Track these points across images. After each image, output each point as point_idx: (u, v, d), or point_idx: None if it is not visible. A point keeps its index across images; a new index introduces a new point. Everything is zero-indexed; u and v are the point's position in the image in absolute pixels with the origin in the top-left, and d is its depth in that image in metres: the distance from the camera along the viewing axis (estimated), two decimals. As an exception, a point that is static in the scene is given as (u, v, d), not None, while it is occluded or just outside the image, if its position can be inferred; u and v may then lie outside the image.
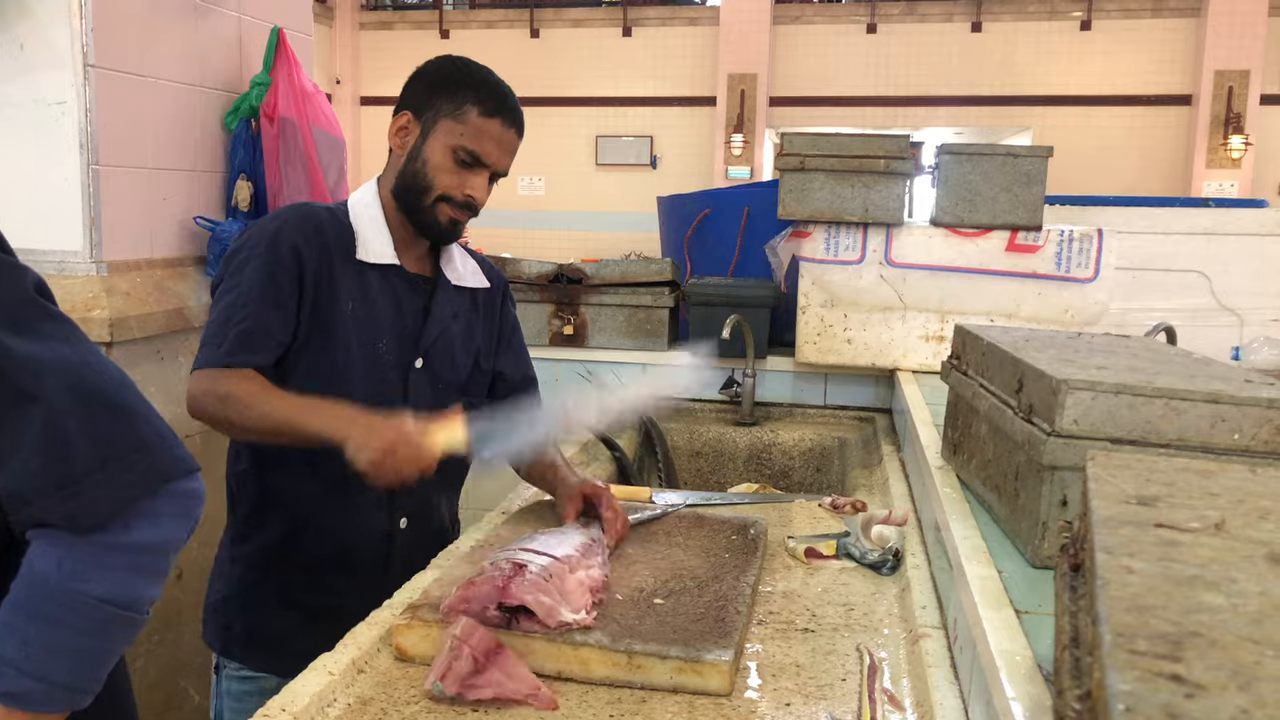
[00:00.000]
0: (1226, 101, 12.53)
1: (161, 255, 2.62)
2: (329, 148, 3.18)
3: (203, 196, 2.83)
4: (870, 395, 2.75)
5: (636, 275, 2.81)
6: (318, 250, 1.57)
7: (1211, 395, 1.03)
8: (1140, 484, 0.65)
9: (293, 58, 2.91)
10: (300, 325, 1.55)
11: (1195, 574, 0.49)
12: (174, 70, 2.57)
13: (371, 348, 1.60)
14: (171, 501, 1.02)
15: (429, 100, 1.60)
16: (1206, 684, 0.37)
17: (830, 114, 13.38)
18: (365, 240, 1.62)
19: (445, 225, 1.62)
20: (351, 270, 1.60)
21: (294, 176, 3.05)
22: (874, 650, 1.25)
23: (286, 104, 2.99)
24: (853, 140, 2.48)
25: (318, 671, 1.13)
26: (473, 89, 1.59)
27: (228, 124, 2.94)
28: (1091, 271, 2.37)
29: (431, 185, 1.59)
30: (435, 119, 1.58)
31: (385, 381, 1.61)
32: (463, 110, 1.57)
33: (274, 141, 3.00)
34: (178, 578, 2.68)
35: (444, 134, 1.58)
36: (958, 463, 1.52)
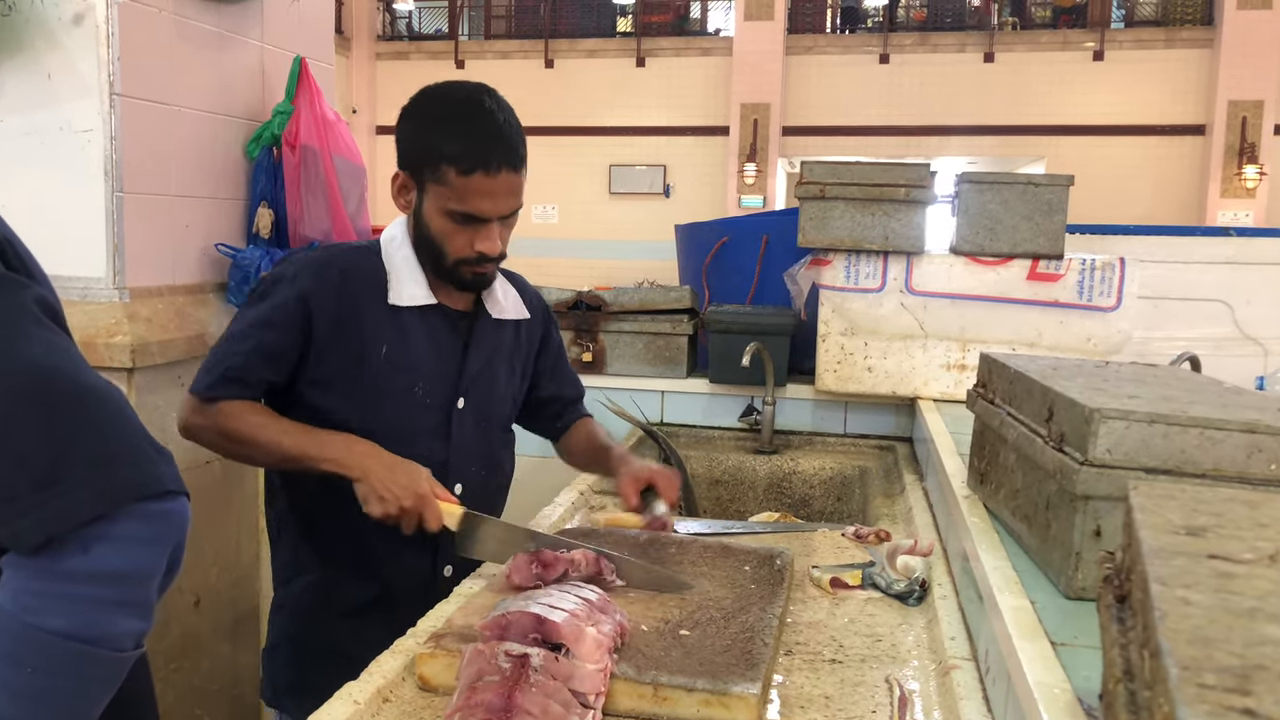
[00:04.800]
0: (1240, 131, 12.54)
1: (183, 282, 2.64)
2: (350, 175, 3.20)
3: (224, 224, 2.85)
4: (891, 424, 2.74)
5: (656, 303, 2.81)
6: (337, 298, 1.53)
7: (1248, 425, 1.02)
8: (1187, 514, 0.64)
9: (314, 86, 2.94)
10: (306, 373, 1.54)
11: (1255, 606, 0.48)
12: (198, 99, 2.60)
13: (407, 391, 1.58)
14: (140, 524, 0.91)
15: (414, 160, 1.54)
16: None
17: (843, 143, 13.44)
18: (399, 282, 1.58)
19: (471, 281, 1.59)
20: (385, 313, 1.57)
21: (315, 204, 3.08)
22: (904, 682, 1.24)
23: (308, 132, 3.02)
24: (873, 169, 2.48)
25: (343, 701, 1.12)
26: (444, 148, 1.49)
27: (250, 152, 2.96)
28: (1114, 300, 2.36)
29: (443, 250, 1.55)
30: (423, 182, 1.53)
31: (425, 424, 1.60)
32: (440, 173, 1.49)
33: (295, 169, 3.03)
34: (194, 605, 2.67)
35: (434, 198, 1.52)
36: (985, 492, 1.51)
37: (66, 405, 0.91)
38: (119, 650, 0.92)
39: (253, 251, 2.93)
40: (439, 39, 15.31)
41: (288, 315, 1.51)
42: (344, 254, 1.62)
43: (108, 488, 0.89)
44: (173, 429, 2.40)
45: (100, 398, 0.94)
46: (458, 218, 1.51)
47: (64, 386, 0.92)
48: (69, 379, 0.93)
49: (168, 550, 0.95)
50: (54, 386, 0.91)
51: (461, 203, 1.50)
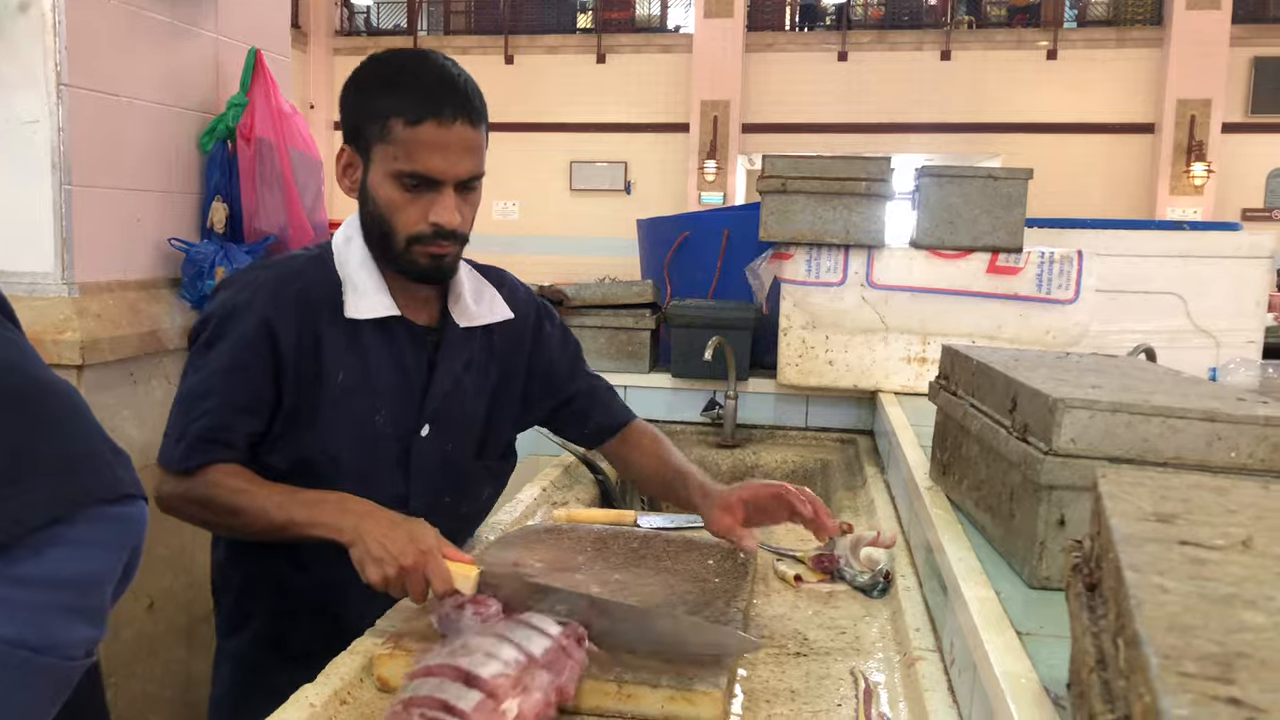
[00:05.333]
0: (1189, 129, 12.77)
1: (135, 277, 2.58)
2: (306, 169, 3.15)
3: (177, 218, 2.79)
4: (852, 417, 2.75)
5: (617, 297, 2.79)
6: (297, 321, 1.35)
7: (1208, 413, 1.03)
8: (1156, 501, 0.63)
9: (270, 79, 2.89)
10: (282, 407, 1.37)
11: (1231, 592, 0.47)
12: (149, 90, 2.55)
13: (366, 422, 1.40)
14: (99, 528, 0.88)
15: (357, 126, 1.36)
16: (1267, 707, 0.35)
17: (802, 140, 13.51)
18: (356, 292, 1.39)
19: (427, 266, 1.38)
20: (342, 332, 1.38)
21: (270, 198, 3.02)
22: (869, 674, 1.23)
23: (264, 125, 2.97)
24: (834, 163, 2.48)
25: (299, 704, 1.09)
26: (389, 97, 1.32)
27: (203, 145, 2.91)
28: (1072, 293, 2.38)
29: (392, 227, 1.35)
30: (369, 147, 1.35)
31: (385, 454, 1.42)
32: (387, 127, 1.32)
33: (250, 163, 2.97)
34: (149, 608, 2.62)
35: (380, 162, 1.34)
36: (947, 484, 1.51)
37: (25, 404, 0.87)
38: (69, 659, 0.88)
39: (207, 246, 2.88)
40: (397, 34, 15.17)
41: (254, 351, 1.33)
42: (295, 268, 1.42)
43: (66, 491, 0.85)
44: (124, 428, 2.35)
45: (59, 397, 0.90)
46: (407, 181, 1.32)
47: (21, 384, 0.88)
48: (27, 376, 0.89)
49: (124, 555, 0.91)
50: (11, 384, 0.87)
51: (410, 160, 1.31)
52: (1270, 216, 12.68)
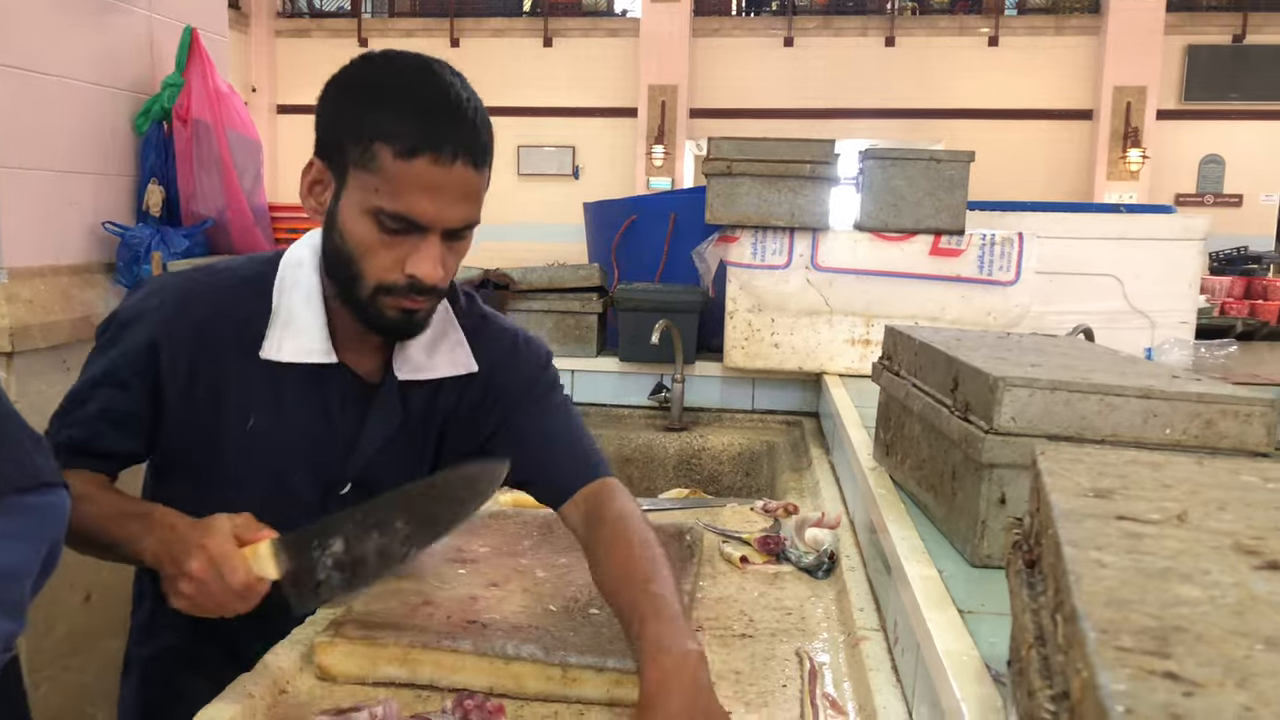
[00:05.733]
0: (1125, 116, 13.02)
1: (68, 262, 2.51)
2: (245, 151, 3.08)
3: (112, 201, 2.72)
4: (798, 399, 2.76)
5: (564, 281, 2.77)
6: (193, 351, 1.17)
7: (1144, 391, 1.04)
8: (1094, 477, 0.64)
9: (206, 58, 2.82)
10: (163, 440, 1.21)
11: (1167, 566, 0.47)
12: (81, 69, 2.47)
13: (276, 476, 1.23)
14: (17, 519, 0.84)
15: (334, 140, 1.11)
16: (1203, 681, 0.35)
17: (749, 126, 13.53)
18: (287, 329, 1.19)
19: (394, 320, 1.15)
20: (260, 371, 1.19)
21: (208, 180, 2.96)
22: (813, 655, 1.23)
23: (200, 106, 2.89)
24: (779, 145, 2.48)
25: (236, 694, 1.06)
26: (379, 113, 1.07)
27: (138, 126, 2.83)
28: (1013, 275, 2.41)
29: (360, 270, 1.12)
30: (344, 168, 1.10)
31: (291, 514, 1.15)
32: (370, 155, 1.07)
33: (187, 144, 2.90)
34: (85, 600, 2.55)
35: (357, 191, 1.09)
36: (890, 464, 1.52)
37: None
38: None
39: (142, 230, 2.81)
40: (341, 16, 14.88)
41: (134, 370, 1.17)
42: (216, 286, 1.21)
43: None
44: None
45: None
46: (386, 221, 1.08)
47: None
48: None
49: (44, 546, 0.88)
50: None
51: (395, 199, 1.07)
52: (1202, 201, 12.99)
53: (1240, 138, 12.96)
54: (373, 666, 1.14)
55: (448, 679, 1.13)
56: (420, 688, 1.13)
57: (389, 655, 1.14)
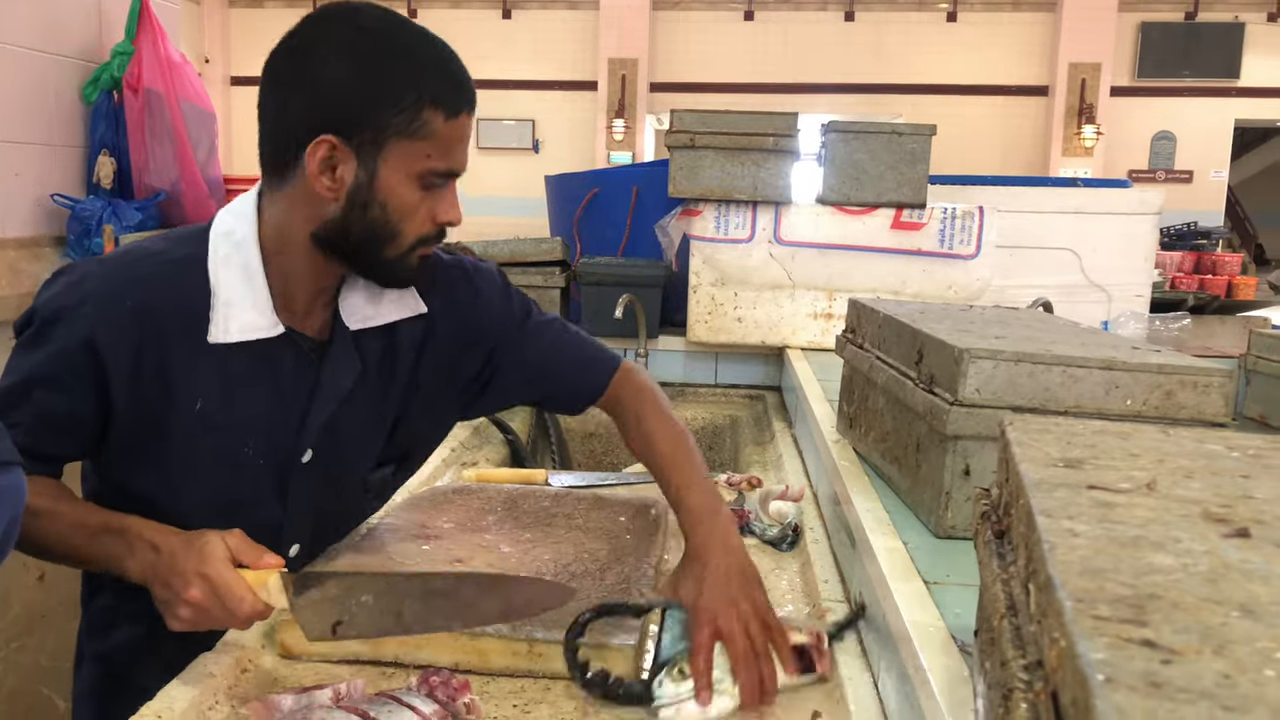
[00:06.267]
0: (1080, 92, 13.14)
1: (14, 235, 2.44)
2: (199, 122, 3.02)
3: (61, 172, 2.65)
4: (760, 373, 2.77)
5: (526, 254, 2.75)
6: (136, 340, 1.11)
7: (1106, 362, 1.05)
8: (1063, 447, 0.64)
9: (158, 26, 2.75)
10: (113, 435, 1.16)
11: (1139, 534, 0.47)
12: (23, 35, 2.39)
13: (231, 454, 1.19)
14: None
15: (363, 113, 1.09)
16: (1181, 649, 0.35)
17: (709, 100, 13.48)
18: (228, 309, 1.14)
19: (416, 268, 1.19)
20: (204, 352, 1.14)
21: (161, 152, 2.89)
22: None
23: (152, 75, 2.82)
24: (741, 118, 2.47)
25: (196, 674, 1.05)
26: (418, 78, 1.09)
27: (87, 95, 2.76)
28: (973, 248, 2.43)
29: (400, 232, 1.14)
30: (380, 142, 1.09)
31: (254, 489, 1.21)
32: (421, 121, 1.09)
33: (139, 115, 2.83)
34: (39, 580, 2.51)
35: (403, 162, 1.11)
36: (854, 436, 1.53)
37: None
38: None
39: (93, 202, 2.74)
40: (293, -16, 14.59)
41: (73, 370, 1.10)
42: (145, 271, 1.14)
43: None
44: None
45: None
46: (434, 180, 1.13)
47: None
48: None
49: (1, 526, 0.85)
50: None
51: (444, 158, 1.12)
52: (1154, 178, 13.18)
53: (1191, 114, 13.15)
54: (336, 644, 1.12)
55: (412, 655, 1.12)
56: (385, 665, 1.12)
57: (352, 633, 1.12)
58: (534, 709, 1.04)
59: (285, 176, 1.13)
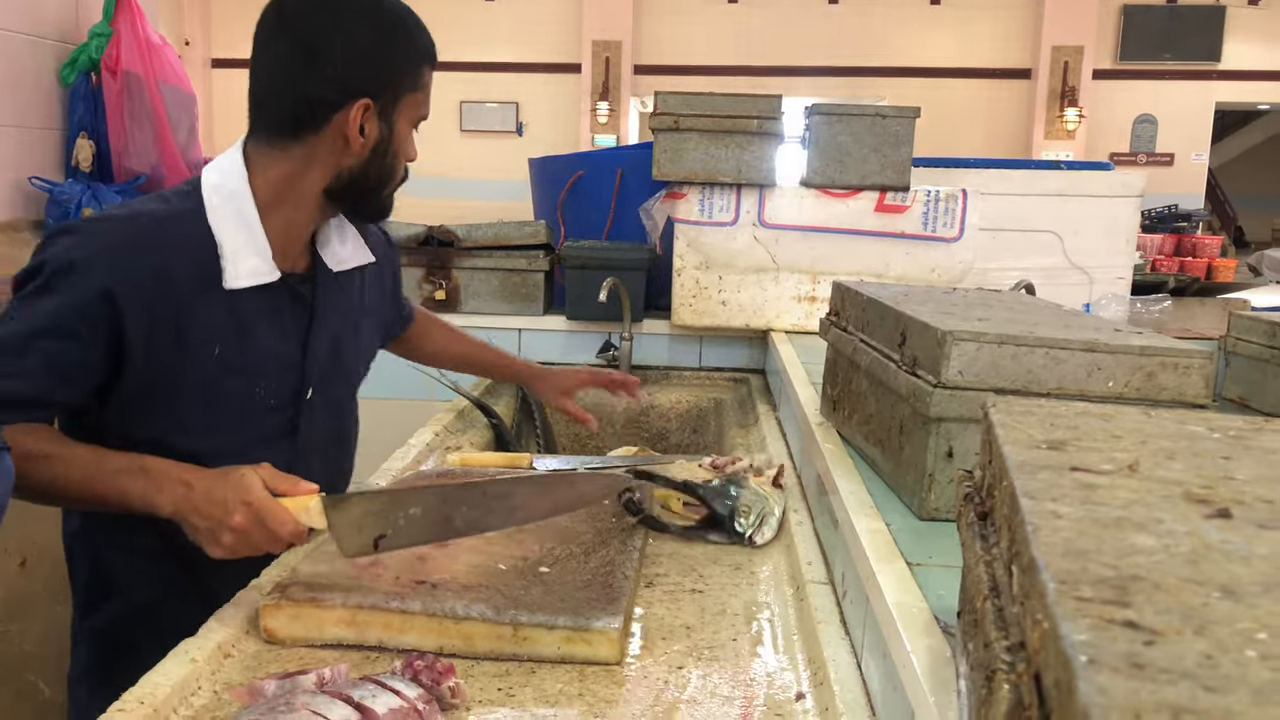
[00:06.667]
0: (1063, 76, 13.17)
1: (-10, 218, 2.41)
2: (179, 104, 2.98)
3: (39, 156, 2.62)
4: (745, 356, 2.77)
5: (510, 238, 2.74)
6: (155, 296, 1.16)
7: (1088, 344, 1.05)
8: (1046, 429, 0.64)
9: (136, 7, 2.71)
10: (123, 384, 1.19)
11: (1121, 516, 0.47)
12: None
13: (245, 396, 1.27)
14: None
15: (389, 76, 1.25)
16: (1162, 629, 0.35)
17: (693, 83, 13.43)
18: (234, 257, 1.22)
19: (390, 204, 1.38)
20: (219, 302, 1.22)
21: (140, 135, 2.86)
22: (760, 611, 1.24)
23: (130, 56, 2.79)
24: (725, 100, 2.46)
25: (179, 658, 1.04)
26: (422, 44, 1.29)
27: (64, 77, 2.72)
28: (957, 231, 2.43)
29: (395, 173, 1.32)
30: (396, 98, 1.26)
31: (266, 428, 1.30)
32: (418, 75, 1.28)
33: (117, 97, 2.80)
34: (21, 565, 2.49)
35: (408, 111, 1.29)
36: (838, 419, 1.53)
37: None
38: None
39: (72, 186, 2.71)
40: (271, -36, 14.41)
41: (88, 321, 1.14)
42: (161, 222, 1.20)
43: None
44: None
45: None
46: (417, 124, 1.32)
47: None
48: None
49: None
50: None
51: (427, 104, 1.32)
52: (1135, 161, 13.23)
53: (1173, 97, 13.19)
54: (319, 629, 1.12)
55: (396, 640, 1.12)
56: (369, 649, 1.12)
57: (336, 618, 1.12)
58: (519, 692, 1.04)
59: (299, 135, 1.23)
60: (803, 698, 1.05)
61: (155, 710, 0.94)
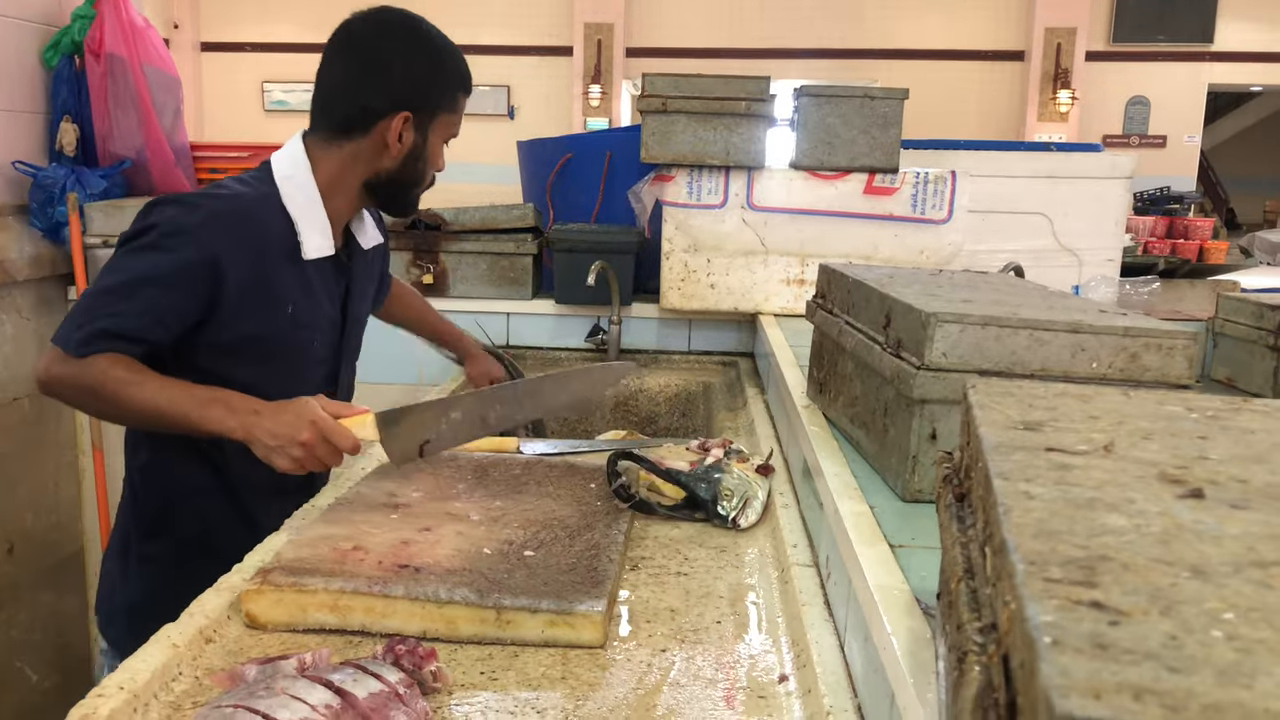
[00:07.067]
0: (1055, 58, 13.12)
1: (-28, 203, 2.39)
2: (163, 88, 2.96)
3: (22, 139, 2.60)
4: (733, 340, 2.76)
5: (498, 221, 2.72)
6: (250, 261, 1.41)
7: (1072, 325, 1.05)
8: (1024, 410, 0.64)
9: (119, -11, 2.69)
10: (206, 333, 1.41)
11: (1094, 496, 0.47)
12: (-26, -4, 2.33)
13: (307, 348, 1.54)
14: None
15: (433, 97, 1.52)
16: (1128, 610, 0.35)
17: (685, 65, 13.35)
18: (308, 233, 1.49)
19: (416, 204, 1.64)
20: (294, 269, 1.48)
21: (125, 119, 2.84)
22: (746, 593, 1.24)
23: (114, 39, 2.76)
24: (713, 82, 2.45)
25: (160, 644, 1.04)
26: (460, 75, 1.56)
27: (48, 60, 2.70)
28: (945, 213, 2.42)
29: (424, 178, 1.58)
30: (433, 115, 1.53)
31: (316, 376, 1.58)
32: (454, 100, 1.55)
33: (101, 80, 2.78)
34: (8, 552, 2.48)
35: (442, 128, 1.55)
36: (823, 401, 1.53)
37: None
38: None
39: (56, 170, 2.69)
40: (260, -54, 14.29)
41: (192, 278, 1.36)
42: (252, 203, 1.45)
43: None
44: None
45: None
46: (448, 140, 1.58)
47: None
48: None
49: None
50: None
51: (458, 125, 1.58)
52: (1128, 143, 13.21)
53: (1166, 79, 13.16)
54: (302, 613, 1.12)
55: (379, 624, 1.11)
56: (352, 634, 1.12)
57: (318, 602, 1.12)
58: (501, 675, 1.04)
59: (350, 135, 1.50)
60: (786, 680, 1.05)
61: (135, 695, 0.94)
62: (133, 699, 0.94)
